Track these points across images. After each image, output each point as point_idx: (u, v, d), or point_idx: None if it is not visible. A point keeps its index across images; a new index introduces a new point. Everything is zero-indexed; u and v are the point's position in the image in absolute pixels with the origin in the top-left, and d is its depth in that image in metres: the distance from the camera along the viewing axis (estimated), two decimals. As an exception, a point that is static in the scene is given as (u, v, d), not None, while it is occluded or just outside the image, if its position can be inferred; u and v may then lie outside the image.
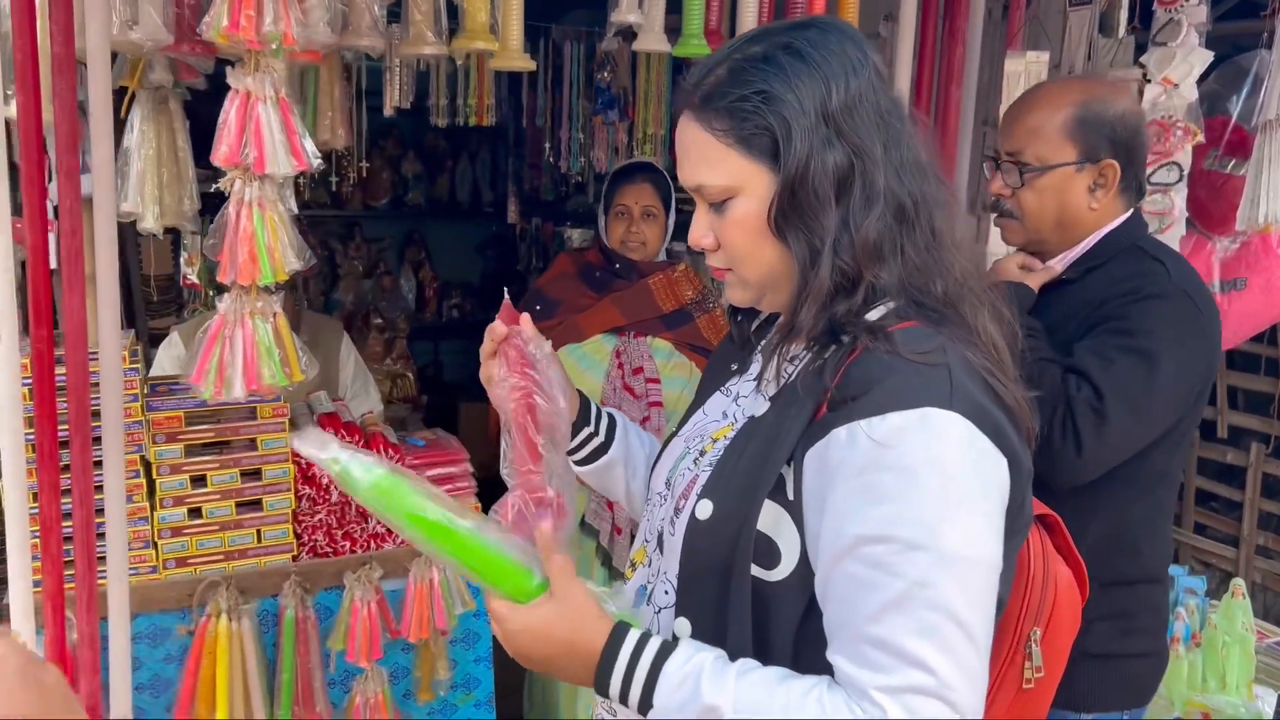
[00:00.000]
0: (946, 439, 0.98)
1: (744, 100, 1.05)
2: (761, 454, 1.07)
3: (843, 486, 0.99)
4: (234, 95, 1.96)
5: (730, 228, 1.09)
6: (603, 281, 2.88)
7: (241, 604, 2.26)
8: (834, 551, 1.00)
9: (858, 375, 1.03)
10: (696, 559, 1.11)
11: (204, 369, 2.03)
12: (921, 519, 0.96)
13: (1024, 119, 1.84)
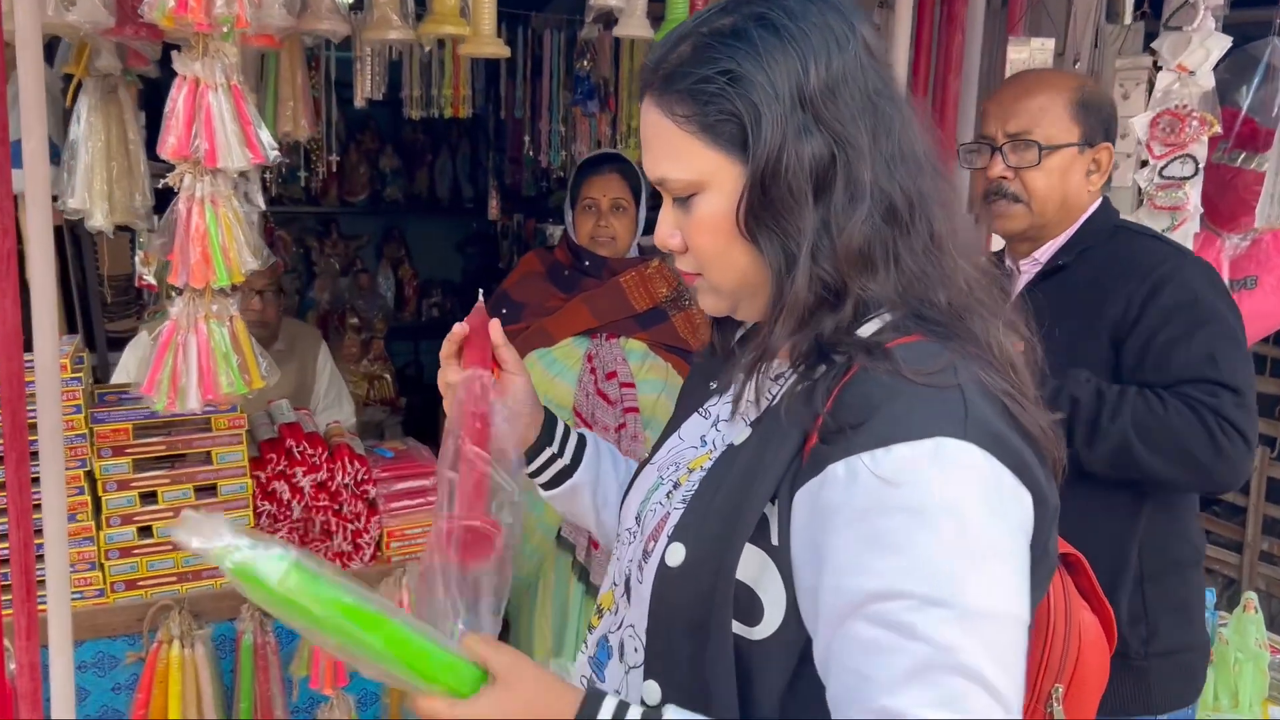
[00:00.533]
0: (963, 474, 0.84)
1: (707, 81, 0.91)
2: (740, 490, 0.92)
3: (844, 533, 0.84)
4: (181, 82, 1.82)
5: (696, 227, 0.96)
6: (571, 281, 2.73)
7: (196, 629, 2.12)
8: (837, 611, 0.85)
9: (854, 400, 0.88)
10: (667, 612, 0.96)
11: (156, 379, 1.89)
12: (939, 570, 0.81)
13: (1029, 99, 1.82)
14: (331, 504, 2.27)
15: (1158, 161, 2.18)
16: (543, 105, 3.99)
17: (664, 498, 1.05)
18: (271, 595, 0.84)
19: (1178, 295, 1.70)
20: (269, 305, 2.90)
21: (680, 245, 0.98)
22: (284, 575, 0.83)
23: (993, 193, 1.83)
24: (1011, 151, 1.80)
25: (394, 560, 2.34)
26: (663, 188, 0.98)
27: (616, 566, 1.12)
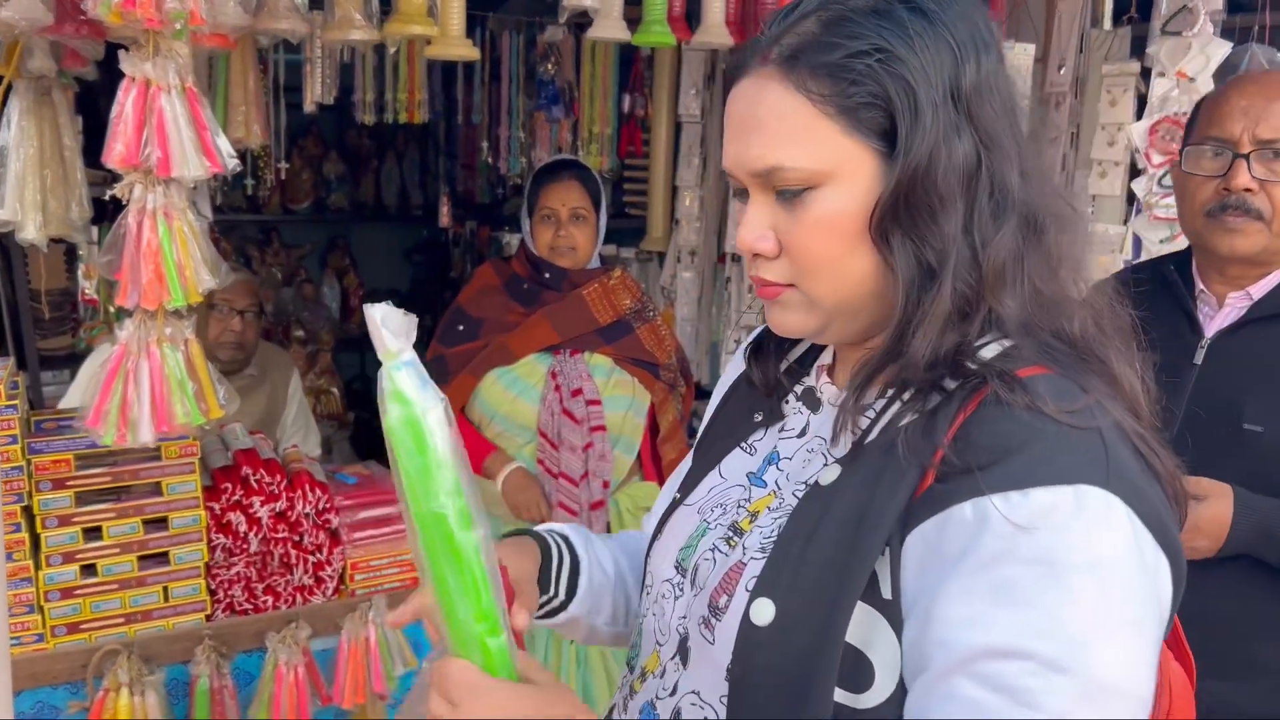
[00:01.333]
0: (1106, 529, 0.74)
1: (855, 58, 0.80)
2: (846, 539, 0.80)
3: (964, 581, 0.74)
4: (129, 84, 1.69)
5: (809, 228, 0.83)
6: (531, 294, 2.62)
7: (146, 674, 1.97)
8: (943, 664, 0.74)
9: (986, 437, 0.77)
10: (757, 678, 0.82)
11: (103, 409, 1.75)
12: (1070, 633, 0.71)
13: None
14: (291, 535, 2.12)
15: (1156, 170, 2.12)
16: (501, 110, 3.86)
17: (723, 545, 0.93)
18: (406, 415, 0.79)
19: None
20: (249, 328, 2.74)
21: (774, 249, 0.86)
22: (432, 407, 0.80)
23: (1231, 206, 1.57)
24: (1260, 161, 1.56)
25: (358, 594, 2.20)
26: (764, 179, 0.85)
27: (657, 622, 0.99)
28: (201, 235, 1.74)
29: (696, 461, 1.08)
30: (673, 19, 2.31)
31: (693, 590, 0.94)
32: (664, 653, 0.97)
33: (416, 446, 0.79)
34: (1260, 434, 1.55)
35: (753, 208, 0.87)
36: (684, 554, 0.98)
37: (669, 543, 1.01)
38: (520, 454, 2.52)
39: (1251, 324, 1.61)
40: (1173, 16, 2.09)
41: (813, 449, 0.94)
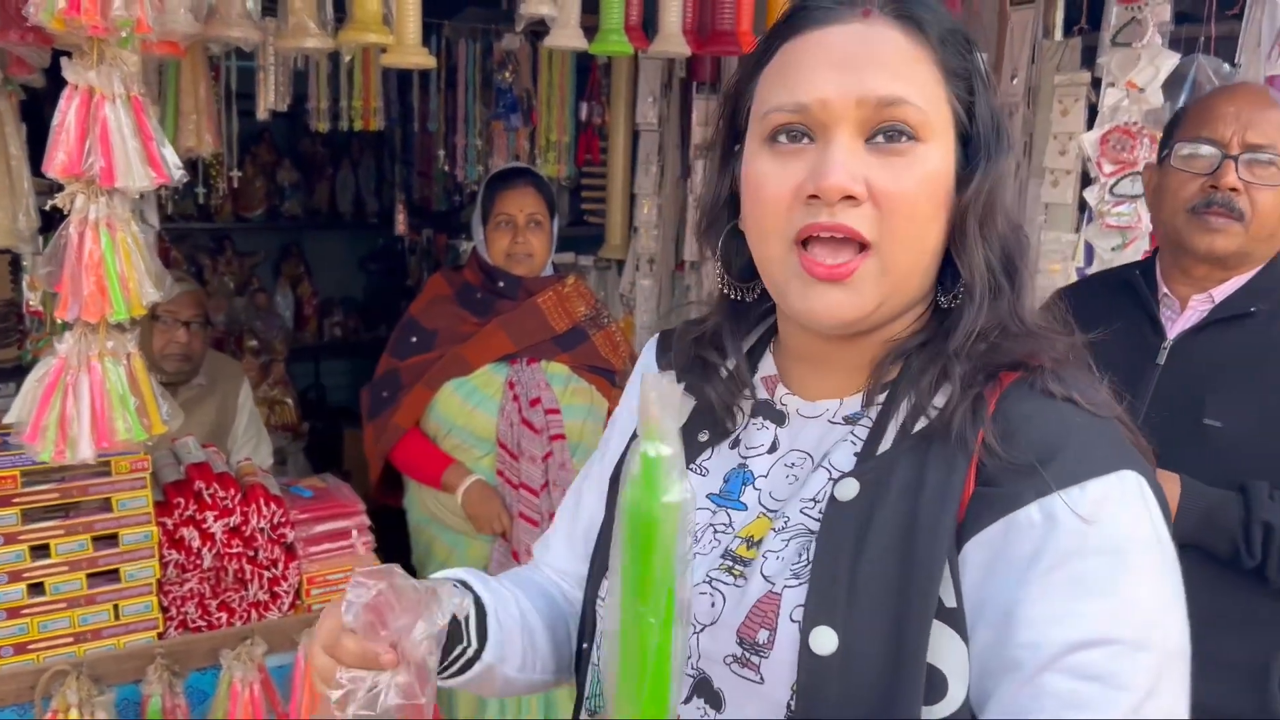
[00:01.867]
0: (1146, 509, 0.79)
1: (951, 33, 0.86)
2: (898, 552, 0.79)
3: (1044, 581, 0.76)
4: (72, 93, 1.65)
5: (918, 182, 0.82)
6: (485, 303, 2.59)
7: (96, 694, 1.92)
8: (1032, 666, 0.75)
9: (1032, 433, 0.80)
10: (827, 710, 0.79)
11: (41, 425, 1.71)
12: (1144, 612, 0.76)
13: (1269, 112, 1.63)
14: (246, 550, 2.09)
15: (1108, 179, 2.15)
16: (458, 118, 3.83)
17: (723, 576, 0.88)
18: (647, 505, 0.73)
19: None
20: (195, 338, 2.70)
21: (865, 193, 0.81)
22: (674, 503, 0.73)
23: (1216, 203, 1.63)
24: (1246, 165, 1.61)
25: (315, 609, 2.16)
26: (882, 111, 0.81)
27: None
28: (146, 247, 1.70)
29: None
30: (629, 28, 2.30)
31: (691, 628, 0.88)
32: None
33: (643, 541, 0.74)
34: (1220, 429, 1.61)
35: (842, 149, 0.82)
36: None
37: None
38: (478, 466, 2.50)
39: (1213, 325, 1.67)
40: (1122, 28, 2.12)
41: (794, 464, 0.92)
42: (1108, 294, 1.81)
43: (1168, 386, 1.67)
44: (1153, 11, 2.07)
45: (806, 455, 0.91)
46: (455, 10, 3.86)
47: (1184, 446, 1.60)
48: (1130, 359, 1.69)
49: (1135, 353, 1.70)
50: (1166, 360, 1.69)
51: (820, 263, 0.82)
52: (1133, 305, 1.75)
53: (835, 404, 0.92)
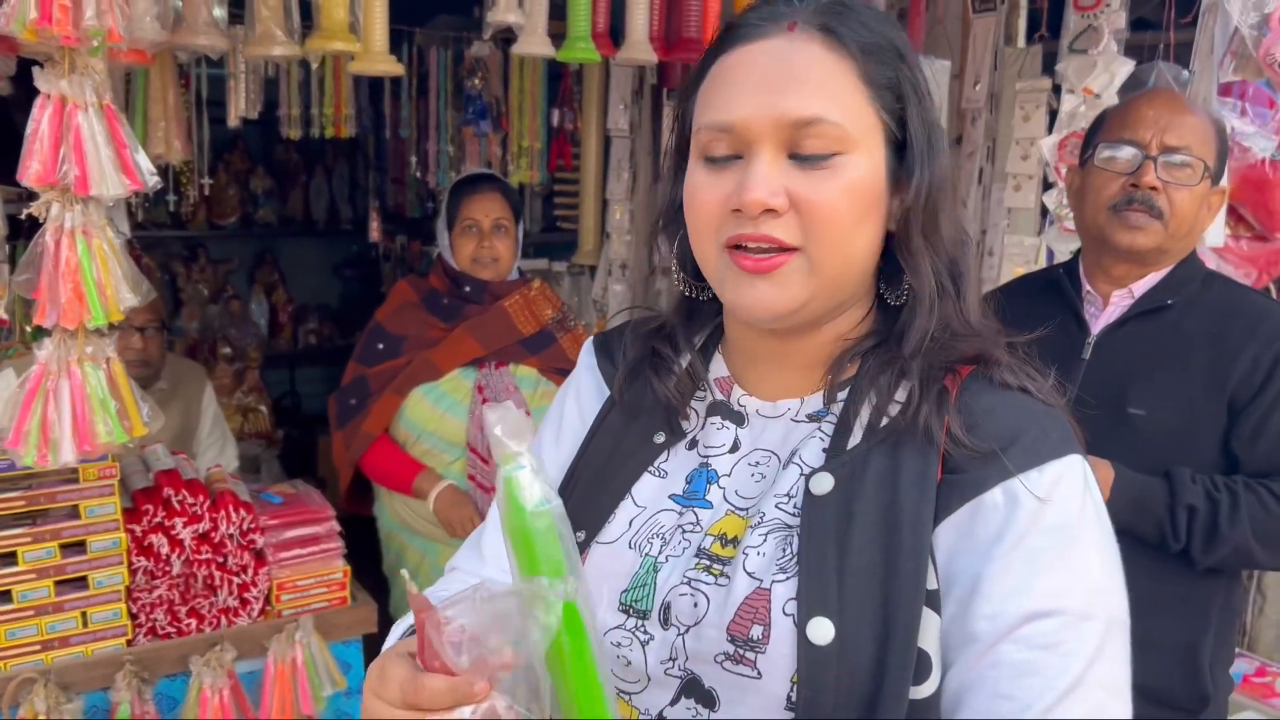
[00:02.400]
0: (1089, 488, 0.85)
1: (881, 45, 0.87)
2: (881, 541, 0.83)
3: (1006, 559, 0.81)
4: (45, 102, 1.66)
5: (839, 192, 0.85)
6: (452, 309, 2.60)
7: (64, 701, 1.93)
8: (990, 636, 0.80)
9: (993, 421, 0.85)
10: (829, 696, 0.82)
11: (23, 430, 1.72)
12: (1090, 584, 0.82)
13: (1189, 116, 1.71)
14: (215, 556, 2.09)
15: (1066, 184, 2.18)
16: (430, 125, 3.84)
17: (702, 576, 0.90)
18: (518, 521, 0.77)
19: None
20: (151, 343, 2.69)
21: (785, 204, 0.85)
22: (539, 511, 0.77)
23: (1137, 201, 1.69)
24: (1164, 166, 1.68)
25: (285, 614, 2.17)
26: (801, 131, 0.84)
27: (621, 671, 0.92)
28: (122, 252, 1.71)
29: (603, 494, 1.00)
30: (597, 35, 2.32)
31: (672, 630, 0.90)
32: (642, 702, 0.92)
33: (525, 551, 0.76)
34: (1143, 417, 1.70)
35: (763, 165, 0.85)
36: (634, 595, 0.93)
37: (595, 585, 0.93)
38: (449, 471, 2.51)
39: (1134, 319, 1.75)
40: (1079, 35, 2.16)
41: (759, 462, 0.94)
42: (1036, 292, 1.88)
43: (1093, 379, 1.75)
44: (1108, 19, 2.11)
45: (772, 454, 0.94)
46: (427, 18, 3.87)
47: (1110, 435, 1.68)
48: (1057, 354, 1.75)
49: (1062, 348, 1.77)
50: (1091, 354, 1.77)
51: (749, 257, 0.87)
52: (1059, 303, 1.82)
53: (796, 403, 0.95)
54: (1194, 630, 1.71)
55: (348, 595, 2.26)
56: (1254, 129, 2.49)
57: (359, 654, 2.27)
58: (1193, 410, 1.68)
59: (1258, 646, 3.35)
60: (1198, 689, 1.71)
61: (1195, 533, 1.63)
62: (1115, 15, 2.10)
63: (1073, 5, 2.19)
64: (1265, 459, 1.66)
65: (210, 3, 1.97)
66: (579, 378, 1.12)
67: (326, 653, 2.18)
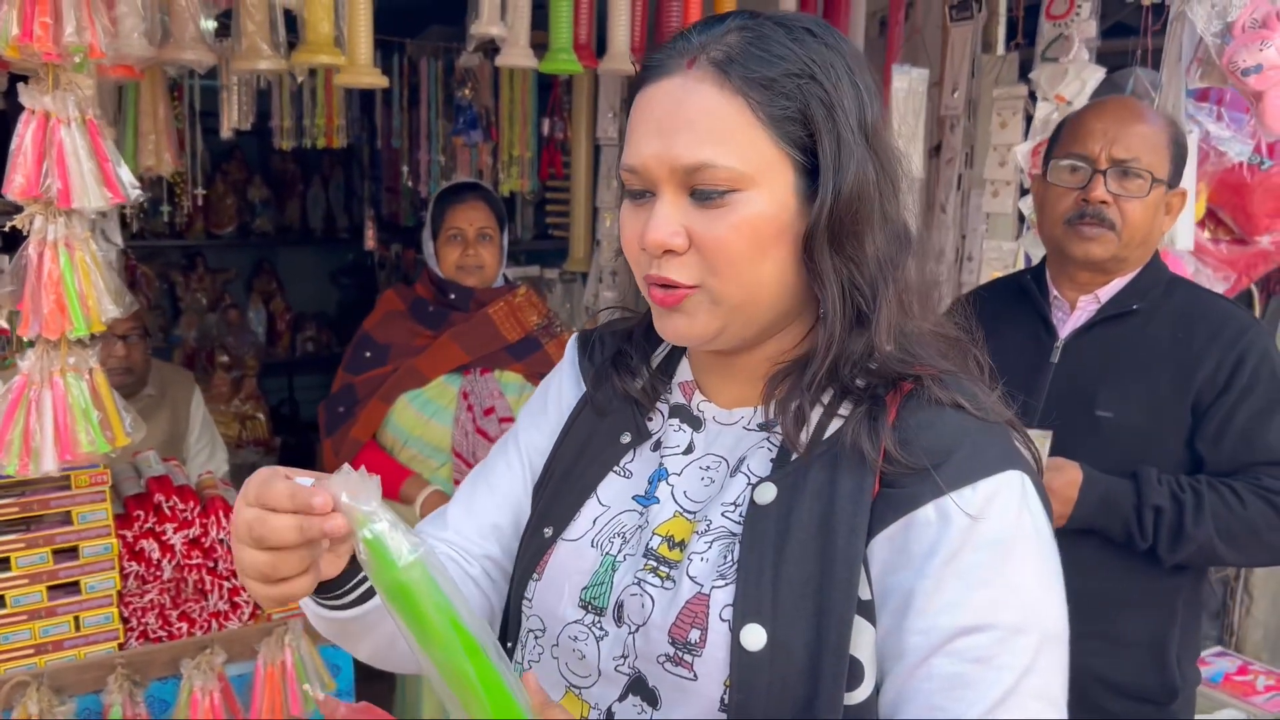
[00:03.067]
0: (1029, 504, 0.86)
1: (784, 75, 0.86)
2: (816, 551, 0.86)
3: (937, 574, 0.83)
4: (29, 117, 1.70)
5: (730, 229, 0.86)
6: (437, 316, 2.64)
7: (57, 704, 1.96)
8: (923, 650, 0.83)
9: (927, 438, 0.86)
10: (760, 700, 0.85)
11: (5, 439, 1.75)
12: (1022, 599, 0.83)
13: (1137, 125, 1.74)
14: (206, 561, 2.12)
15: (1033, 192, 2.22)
16: (421, 134, 3.89)
17: (650, 579, 0.93)
18: (392, 578, 0.77)
19: (1260, 365, 1.69)
20: (134, 350, 2.73)
21: (684, 245, 0.87)
22: (412, 562, 0.78)
23: (1089, 215, 1.74)
24: (1114, 178, 1.72)
25: (275, 618, 2.20)
26: (691, 176, 0.86)
27: (567, 665, 0.97)
28: (105, 264, 1.75)
29: (569, 492, 1.03)
30: (579, 47, 2.36)
31: (624, 628, 0.93)
32: (593, 695, 0.95)
33: (409, 607, 0.78)
34: (1111, 419, 1.74)
35: (664, 206, 0.88)
36: (593, 592, 0.96)
37: (558, 581, 0.99)
38: (435, 476, 2.54)
39: (1100, 324, 1.79)
40: (1051, 43, 2.20)
41: (710, 466, 0.97)
42: (1007, 297, 1.92)
43: (1062, 382, 1.79)
44: (1078, 28, 2.14)
45: (722, 459, 0.96)
46: (419, 28, 3.92)
47: (1079, 437, 1.72)
48: (1026, 358, 1.81)
49: (1031, 352, 1.82)
50: (1059, 358, 1.81)
51: (657, 292, 0.90)
52: (1027, 308, 1.87)
53: (750, 411, 0.97)
54: (1160, 625, 1.75)
55: (337, 599, 2.29)
56: (1230, 133, 2.53)
57: (348, 656, 2.30)
58: (1158, 412, 1.72)
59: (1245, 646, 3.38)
60: (1166, 682, 1.75)
61: (1161, 532, 1.67)
62: (1086, 24, 2.14)
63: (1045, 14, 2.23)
64: (1229, 458, 1.70)
65: (197, 18, 2.01)
66: (562, 371, 1.15)
67: (315, 655, 2.21)
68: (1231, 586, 3.47)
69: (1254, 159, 2.65)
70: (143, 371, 2.80)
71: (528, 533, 1.06)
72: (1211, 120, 2.50)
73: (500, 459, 1.14)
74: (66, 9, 1.61)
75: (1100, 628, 1.72)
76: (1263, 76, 1.84)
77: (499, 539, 1.10)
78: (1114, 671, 1.73)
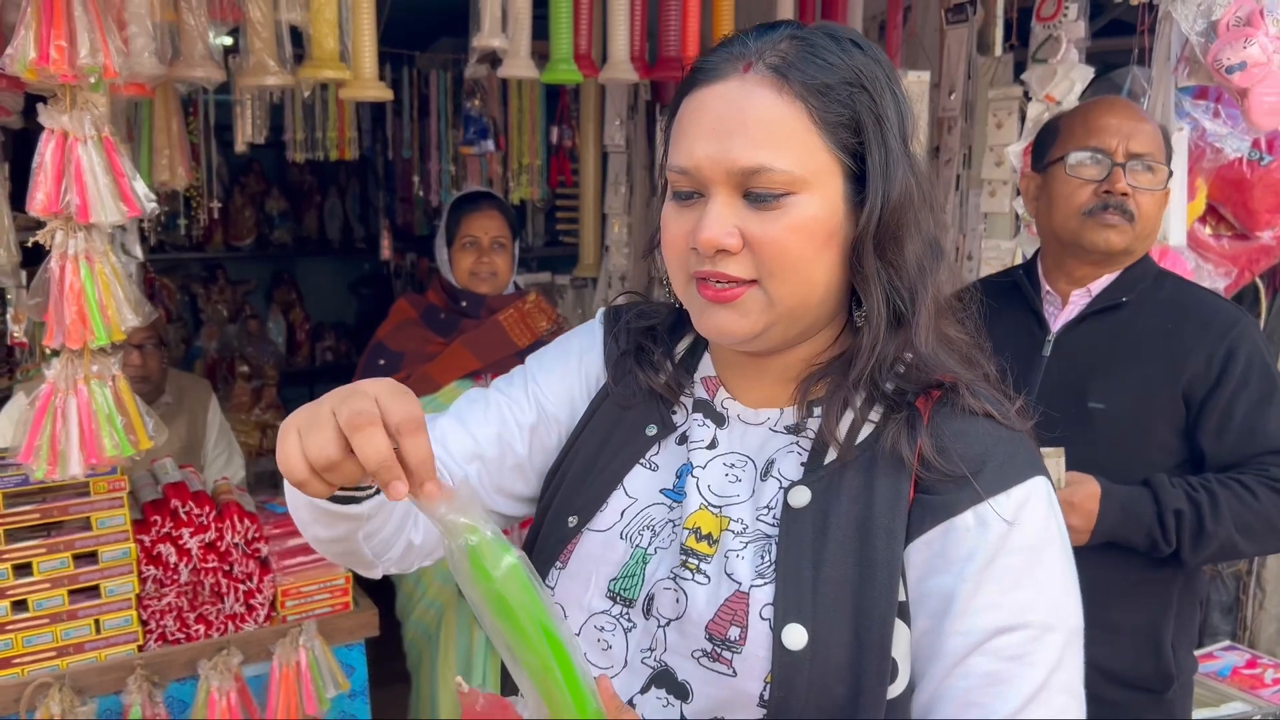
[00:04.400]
0: (1053, 509, 0.91)
1: (838, 83, 0.88)
2: (854, 555, 0.89)
3: (976, 578, 0.87)
4: (49, 136, 1.76)
5: (786, 231, 0.88)
6: (449, 324, 2.69)
7: (79, 705, 2.02)
8: (962, 650, 0.87)
9: (962, 446, 0.90)
10: (801, 698, 0.87)
11: (34, 445, 1.82)
12: (1052, 598, 0.88)
13: (1144, 124, 1.80)
14: (221, 565, 2.18)
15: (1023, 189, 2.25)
16: (431, 145, 3.95)
17: (682, 574, 0.95)
18: (487, 587, 0.80)
19: (1252, 357, 1.72)
20: (150, 359, 2.79)
21: (738, 245, 0.89)
22: (508, 573, 0.80)
23: (1111, 206, 1.78)
24: (1134, 171, 1.77)
25: (290, 619, 2.26)
26: (748, 178, 0.88)
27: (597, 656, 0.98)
28: (124, 275, 1.80)
29: (596, 483, 1.04)
30: (579, 57, 2.40)
31: (655, 621, 0.95)
32: (617, 685, 0.96)
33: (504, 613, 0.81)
34: (1103, 410, 1.77)
35: (719, 206, 0.89)
36: (623, 584, 0.98)
37: (585, 571, 1.00)
38: (446, 479, 2.58)
39: (1091, 316, 1.83)
40: (1041, 44, 2.22)
41: (734, 464, 0.99)
42: (998, 293, 1.93)
43: (1054, 374, 1.83)
44: (1067, 29, 2.17)
45: (748, 459, 0.99)
46: (428, 42, 3.98)
47: (1072, 428, 1.72)
48: (1020, 351, 1.85)
49: (1023, 345, 1.86)
50: (1051, 351, 1.84)
51: (710, 288, 0.92)
52: (1019, 303, 1.91)
53: (776, 413, 1.00)
54: (1155, 613, 1.78)
55: (350, 600, 2.34)
56: (1227, 130, 2.54)
57: (361, 657, 2.36)
58: (1149, 402, 1.75)
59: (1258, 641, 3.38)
60: (1162, 669, 1.77)
61: (1184, 535, 1.68)
62: (1074, 25, 2.17)
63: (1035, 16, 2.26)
64: (1232, 450, 1.72)
65: (206, 36, 2.07)
66: (588, 337, 1.15)
67: (330, 656, 2.26)
68: (1244, 581, 3.47)
69: (1254, 155, 2.67)
70: (159, 380, 2.86)
71: (548, 521, 1.06)
72: (1208, 117, 2.52)
73: (507, 406, 1.12)
74: (80, 32, 1.66)
75: (1096, 615, 1.74)
76: (1247, 74, 1.87)
77: (479, 470, 1.09)
78: (1109, 659, 1.76)
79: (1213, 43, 1.89)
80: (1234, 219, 2.79)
